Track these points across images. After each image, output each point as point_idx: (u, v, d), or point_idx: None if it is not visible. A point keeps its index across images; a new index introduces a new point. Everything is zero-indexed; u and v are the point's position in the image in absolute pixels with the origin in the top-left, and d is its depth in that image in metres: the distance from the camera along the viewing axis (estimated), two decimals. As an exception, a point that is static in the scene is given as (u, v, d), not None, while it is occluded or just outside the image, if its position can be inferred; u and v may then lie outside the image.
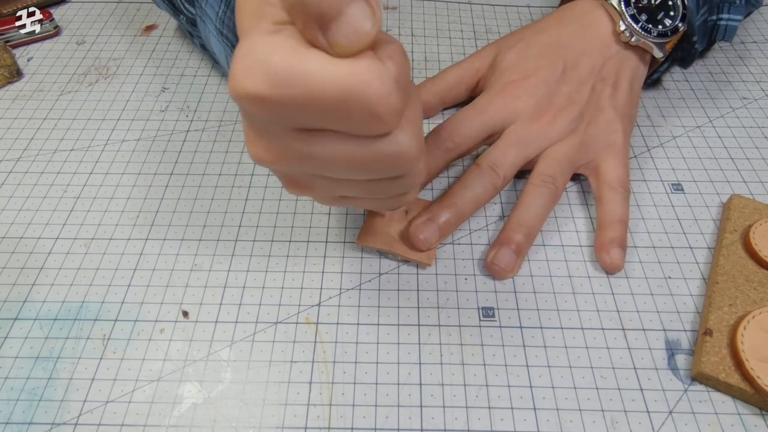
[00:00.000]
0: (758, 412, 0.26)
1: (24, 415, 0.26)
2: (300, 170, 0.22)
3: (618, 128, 0.34)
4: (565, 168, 0.33)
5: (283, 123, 0.20)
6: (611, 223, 0.31)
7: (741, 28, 0.47)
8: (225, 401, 0.26)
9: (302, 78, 0.18)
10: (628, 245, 0.32)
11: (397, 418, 0.26)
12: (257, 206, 0.34)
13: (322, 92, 0.18)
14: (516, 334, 0.28)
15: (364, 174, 0.22)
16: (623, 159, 0.33)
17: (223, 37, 0.30)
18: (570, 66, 0.34)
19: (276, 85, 0.18)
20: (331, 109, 0.18)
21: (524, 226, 0.31)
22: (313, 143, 0.20)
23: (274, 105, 0.18)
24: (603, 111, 0.34)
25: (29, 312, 0.29)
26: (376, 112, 0.18)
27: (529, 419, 0.26)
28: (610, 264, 0.30)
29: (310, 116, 0.19)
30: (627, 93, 0.35)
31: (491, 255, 0.30)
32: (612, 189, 0.32)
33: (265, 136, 0.21)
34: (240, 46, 0.18)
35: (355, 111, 0.18)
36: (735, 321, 0.28)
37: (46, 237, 0.33)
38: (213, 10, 0.30)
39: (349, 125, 0.19)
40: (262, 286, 0.30)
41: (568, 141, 0.33)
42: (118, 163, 0.37)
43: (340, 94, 0.18)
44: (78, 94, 0.42)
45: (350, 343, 0.28)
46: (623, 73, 0.35)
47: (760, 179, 0.35)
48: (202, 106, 0.40)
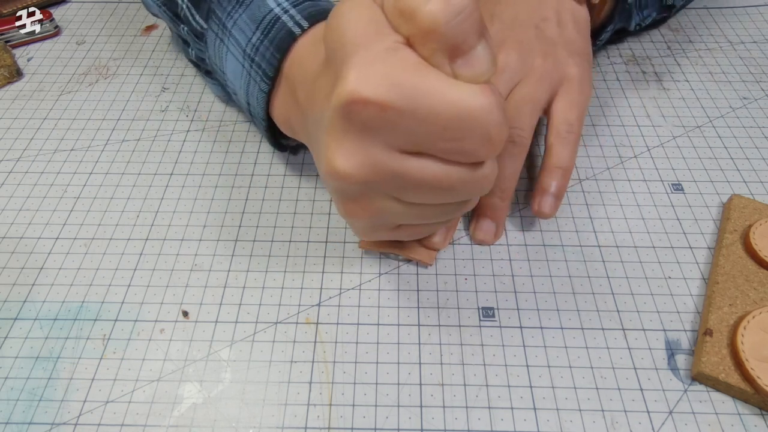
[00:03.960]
0: (758, 412, 0.26)
1: (24, 415, 0.26)
2: (379, 190, 0.22)
3: (572, 62, 0.33)
4: (527, 110, 0.31)
5: (390, 140, 0.20)
6: (551, 168, 0.30)
7: (741, 28, 0.47)
8: (225, 401, 0.26)
9: (429, 93, 0.19)
10: (628, 245, 0.32)
11: (397, 418, 0.26)
12: (257, 206, 0.34)
13: (447, 110, 0.19)
14: (516, 334, 0.28)
15: (445, 197, 0.23)
16: (577, 97, 0.32)
17: (255, 65, 0.29)
18: (508, 17, 0.34)
19: (401, 96, 0.19)
20: (453, 127, 0.19)
21: (497, 189, 0.30)
22: (412, 162, 0.21)
23: (396, 114, 0.19)
24: (554, 45, 0.33)
25: (29, 312, 0.29)
26: (491, 138, 0.20)
27: (529, 419, 0.26)
28: (537, 211, 0.30)
29: (425, 133, 0.20)
30: (574, 31, 0.34)
31: (472, 227, 0.31)
32: (556, 134, 0.31)
33: (361, 152, 0.21)
34: (356, 57, 0.19)
35: (473, 133, 0.19)
36: (735, 321, 0.28)
37: (46, 237, 0.33)
38: (243, 35, 0.30)
39: (460, 149, 0.20)
40: (262, 286, 0.30)
41: (526, 81, 0.32)
42: (118, 163, 0.37)
43: (464, 115, 0.19)
44: (78, 94, 0.42)
45: (350, 343, 0.28)
46: (563, 13, 0.34)
47: (760, 179, 0.35)
48: (202, 106, 0.40)
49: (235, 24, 0.30)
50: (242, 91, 0.32)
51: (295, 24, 0.28)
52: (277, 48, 0.28)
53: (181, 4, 0.35)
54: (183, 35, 0.36)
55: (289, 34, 0.28)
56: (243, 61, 0.30)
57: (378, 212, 0.24)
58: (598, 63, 0.44)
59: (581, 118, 0.32)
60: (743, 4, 0.49)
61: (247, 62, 0.30)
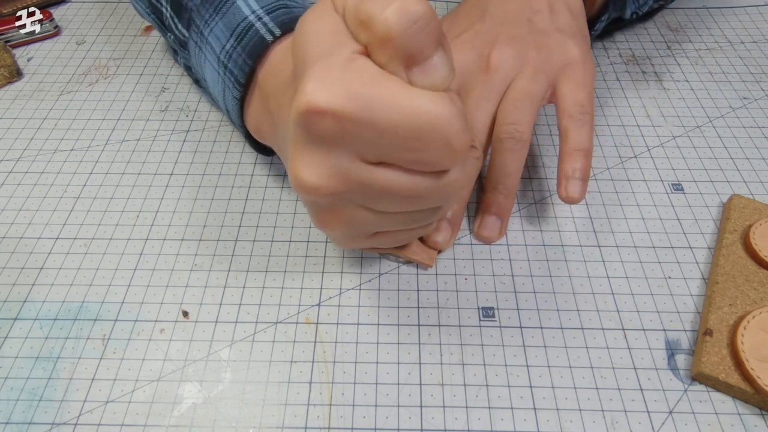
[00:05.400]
0: (758, 412, 0.26)
1: (24, 415, 0.26)
2: (351, 199, 0.22)
3: (569, 44, 0.32)
4: (526, 106, 0.31)
5: (353, 150, 0.20)
6: (570, 152, 0.29)
7: (741, 28, 0.47)
8: (225, 401, 0.26)
9: (385, 103, 0.19)
10: (628, 245, 0.32)
11: (397, 418, 0.26)
12: (257, 206, 0.34)
13: (404, 120, 0.19)
14: (516, 334, 0.28)
15: (415, 205, 0.22)
16: (582, 78, 0.31)
17: (228, 71, 0.29)
18: (499, 13, 0.34)
19: (357, 106, 0.19)
20: (408, 137, 0.19)
21: (501, 186, 0.30)
22: (377, 172, 0.21)
23: (356, 125, 0.19)
24: (548, 35, 0.32)
25: (29, 312, 0.29)
26: (452, 146, 0.19)
27: (529, 419, 0.26)
28: (566, 197, 0.29)
29: (386, 142, 0.19)
30: (568, 16, 0.33)
31: (476, 224, 0.31)
32: (569, 116, 0.30)
33: (326, 163, 0.21)
34: (314, 69, 0.19)
35: (432, 142, 0.19)
36: (735, 321, 0.28)
37: (46, 237, 0.33)
38: (218, 42, 0.30)
39: (422, 158, 0.20)
40: (262, 286, 0.30)
41: (522, 75, 0.31)
42: (118, 163, 0.37)
43: (422, 124, 0.19)
44: (78, 94, 0.42)
45: (350, 343, 0.28)
46: (556, 3, 0.34)
47: (760, 179, 0.35)
48: (202, 106, 0.40)
49: (211, 32, 0.30)
50: (220, 98, 0.32)
51: (267, 31, 0.28)
52: (249, 54, 0.28)
53: (165, 12, 0.35)
54: (170, 43, 0.36)
55: (261, 41, 0.28)
56: (218, 68, 0.30)
57: (351, 222, 0.23)
58: (598, 63, 0.44)
59: (591, 97, 0.31)
60: (743, 4, 0.49)
61: (221, 69, 0.30)
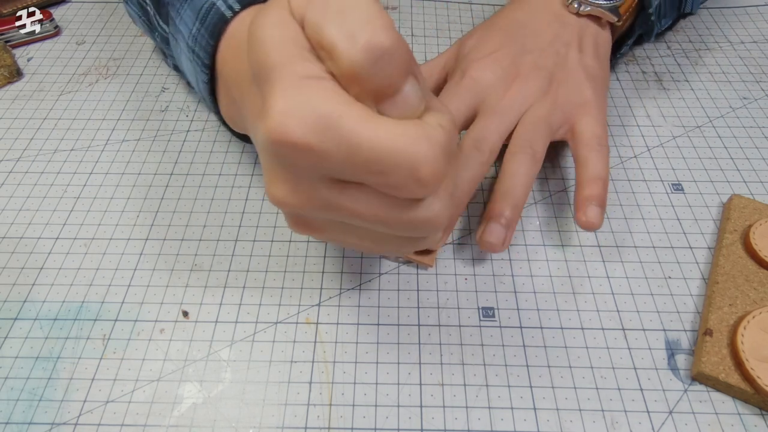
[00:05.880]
0: (758, 412, 0.26)
1: (24, 415, 0.26)
2: (320, 216, 0.22)
3: (589, 86, 0.33)
4: (542, 130, 0.32)
5: (319, 172, 0.20)
6: (589, 180, 0.30)
7: (741, 28, 0.47)
8: (225, 401, 0.26)
9: (352, 132, 0.18)
10: (628, 245, 0.32)
11: (397, 418, 0.26)
12: (257, 206, 0.34)
13: (370, 149, 0.18)
14: (516, 334, 0.28)
15: (388, 231, 0.22)
16: (598, 116, 0.32)
17: (195, 55, 0.29)
18: (531, 38, 0.35)
19: (325, 137, 0.18)
20: (376, 165, 0.18)
21: (510, 196, 0.30)
22: (345, 195, 0.20)
23: (319, 155, 0.18)
24: (571, 71, 0.34)
25: (29, 312, 0.29)
26: (420, 176, 0.19)
27: (529, 419, 0.26)
28: (585, 222, 0.29)
29: (350, 169, 0.19)
30: (593, 55, 0.35)
31: (480, 230, 0.30)
32: (589, 147, 0.31)
33: (292, 181, 0.20)
34: (277, 86, 0.18)
35: (401, 171, 0.18)
36: (735, 321, 0.28)
37: (46, 237, 0.33)
38: (186, 27, 0.29)
39: (389, 184, 0.19)
40: (262, 286, 0.30)
41: (542, 103, 0.33)
42: (118, 163, 0.37)
43: (389, 153, 0.18)
44: (78, 94, 0.42)
45: (350, 343, 0.28)
46: (585, 37, 0.35)
47: (760, 179, 0.35)
48: (202, 106, 0.40)
49: (181, 19, 0.30)
50: (195, 86, 0.31)
51: (227, 8, 0.28)
52: (210, 34, 0.28)
53: (150, 11, 0.35)
54: (158, 44, 0.36)
55: (221, 18, 0.28)
56: (189, 54, 0.30)
57: (325, 232, 0.23)
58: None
59: (606, 133, 0.32)
60: (743, 4, 0.49)
61: (191, 54, 0.30)
